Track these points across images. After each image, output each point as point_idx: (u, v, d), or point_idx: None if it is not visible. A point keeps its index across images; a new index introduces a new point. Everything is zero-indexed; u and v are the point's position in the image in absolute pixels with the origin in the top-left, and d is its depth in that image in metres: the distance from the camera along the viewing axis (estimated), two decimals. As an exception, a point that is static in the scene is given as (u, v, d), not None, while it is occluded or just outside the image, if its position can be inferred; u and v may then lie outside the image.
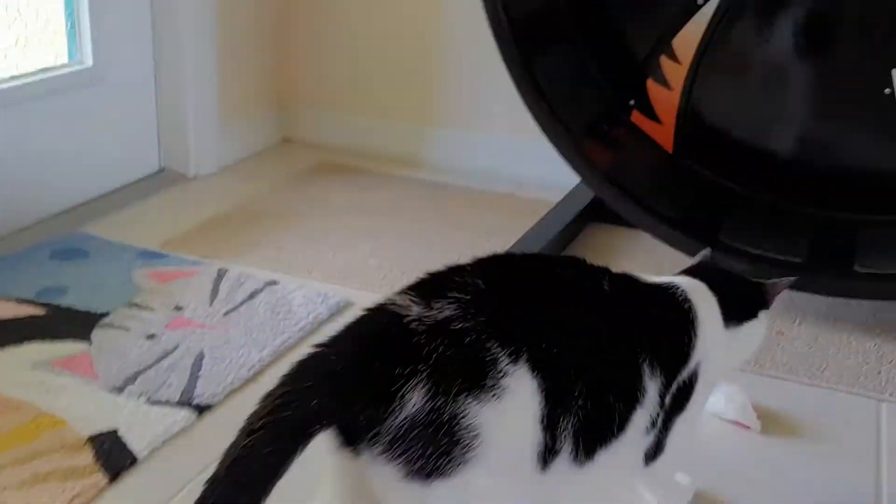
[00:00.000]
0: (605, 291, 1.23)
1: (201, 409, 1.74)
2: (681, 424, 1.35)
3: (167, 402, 1.74)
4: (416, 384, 1.04)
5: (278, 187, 2.87)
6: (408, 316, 1.08)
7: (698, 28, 2.29)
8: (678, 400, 1.31)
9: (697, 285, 1.38)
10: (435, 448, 1.05)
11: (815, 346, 2.08)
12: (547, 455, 1.12)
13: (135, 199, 2.67)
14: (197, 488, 1.52)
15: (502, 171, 2.99)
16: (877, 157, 2.24)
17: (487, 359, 1.07)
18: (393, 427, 1.04)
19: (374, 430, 1.05)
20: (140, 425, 1.67)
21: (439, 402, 1.04)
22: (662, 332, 1.29)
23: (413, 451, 1.05)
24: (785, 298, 2.24)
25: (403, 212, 2.72)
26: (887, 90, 2.16)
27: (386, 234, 2.55)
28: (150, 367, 1.85)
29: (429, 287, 1.13)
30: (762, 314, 1.43)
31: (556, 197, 2.70)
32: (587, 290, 1.23)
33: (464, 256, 1.20)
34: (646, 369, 1.22)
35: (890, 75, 2.15)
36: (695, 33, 2.28)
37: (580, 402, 1.13)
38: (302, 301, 2.12)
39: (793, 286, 1.52)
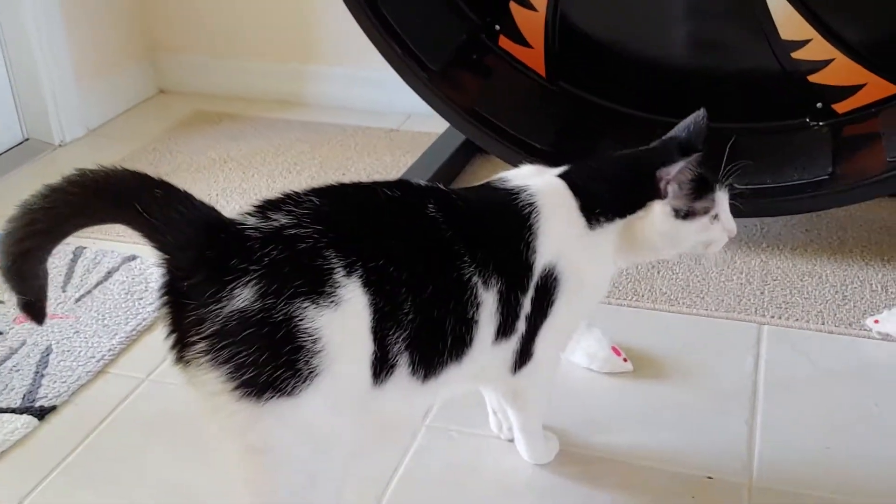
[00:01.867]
0: (431, 211, 1.20)
1: (44, 412, 1.64)
2: (549, 331, 1.32)
3: (7, 409, 1.64)
4: (248, 282, 1.04)
5: (147, 147, 2.71)
6: (243, 225, 1.08)
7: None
8: (539, 305, 1.29)
9: (554, 188, 1.30)
10: (272, 354, 1.04)
11: (698, 269, 2.00)
12: (381, 368, 1.13)
13: (-5, 176, 2.54)
14: (37, 499, 1.46)
15: (387, 105, 2.85)
16: (750, 60, 2.13)
17: (324, 267, 1.07)
18: (219, 318, 1.03)
19: (198, 314, 1.04)
20: (-24, 438, 1.58)
21: (270, 302, 1.03)
22: (492, 243, 1.23)
23: (243, 356, 1.04)
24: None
25: (281, 161, 2.59)
26: (756, -9, 2.05)
27: (260, 188, 2.43)
28: (-8, 370, 1.75)
29: (265, 204, 1.12)
30: (655, 205, 1.31)
31: (444, 128, 2.57)
32: (415, 211, 1.20)
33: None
34: (477, 282, 1.19)
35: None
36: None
37: (410, 317, 1.13)
38: (159, 276, 2.01)
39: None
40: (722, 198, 1.35)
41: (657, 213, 1.31)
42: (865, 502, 1.42)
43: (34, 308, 1.06)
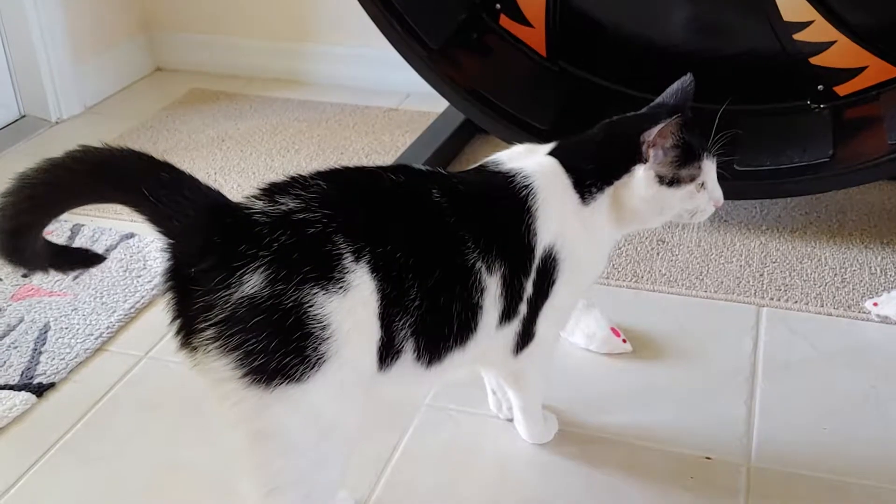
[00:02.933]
0: (436, 197, 1.19)
1: (42, 389, 1.64)
2: (550, 311, 1.32)
3: (5, 386, 1.64)
4: (257, 268, 1.02)
5: (144, 125, 2.70)
6: (250, 209, 1.07)
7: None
8: (541, 286, 1.28)
9: (548, 168, 1.29)
10: (281, 341, 1.03)
11: (698, 251, 2.00)
12: (387, 354, 1.13)
13: (-9, 153, 2.53)
14: (36, 476, 1.46)
15: (386, 84, 2.84)
16: (751, 42, 2.12)
17: (333, 252, 1.06)
18: (229, 304, 1.02)
19: (206, 300, 1.03)
20: (-26, 415, 1.58)
21: (280, 288, 1.02)
22: (495, 228, 1.22)
23: (253, 343, 1.03)
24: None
25: (279, 140, 2.58)
26: (758, -28, 2.04)
27: (258, 167, 2.42)
28: (-10, 346, 1.74)
29: (272, 188, 1.11)
30: (638, 169, 1.29)
31: (443, 107, 2.56)
32: (420, 196, 1.19)
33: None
34: (481, 268, 1.19)
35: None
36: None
37: (416, 303, 1.13)
38: (158, 254, 2.00)
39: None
40: (709, 166, 1.32)
41: (640, 178, 1.29)
42: (863, 483, 1.43)
43: (80, 265, 1.18)
